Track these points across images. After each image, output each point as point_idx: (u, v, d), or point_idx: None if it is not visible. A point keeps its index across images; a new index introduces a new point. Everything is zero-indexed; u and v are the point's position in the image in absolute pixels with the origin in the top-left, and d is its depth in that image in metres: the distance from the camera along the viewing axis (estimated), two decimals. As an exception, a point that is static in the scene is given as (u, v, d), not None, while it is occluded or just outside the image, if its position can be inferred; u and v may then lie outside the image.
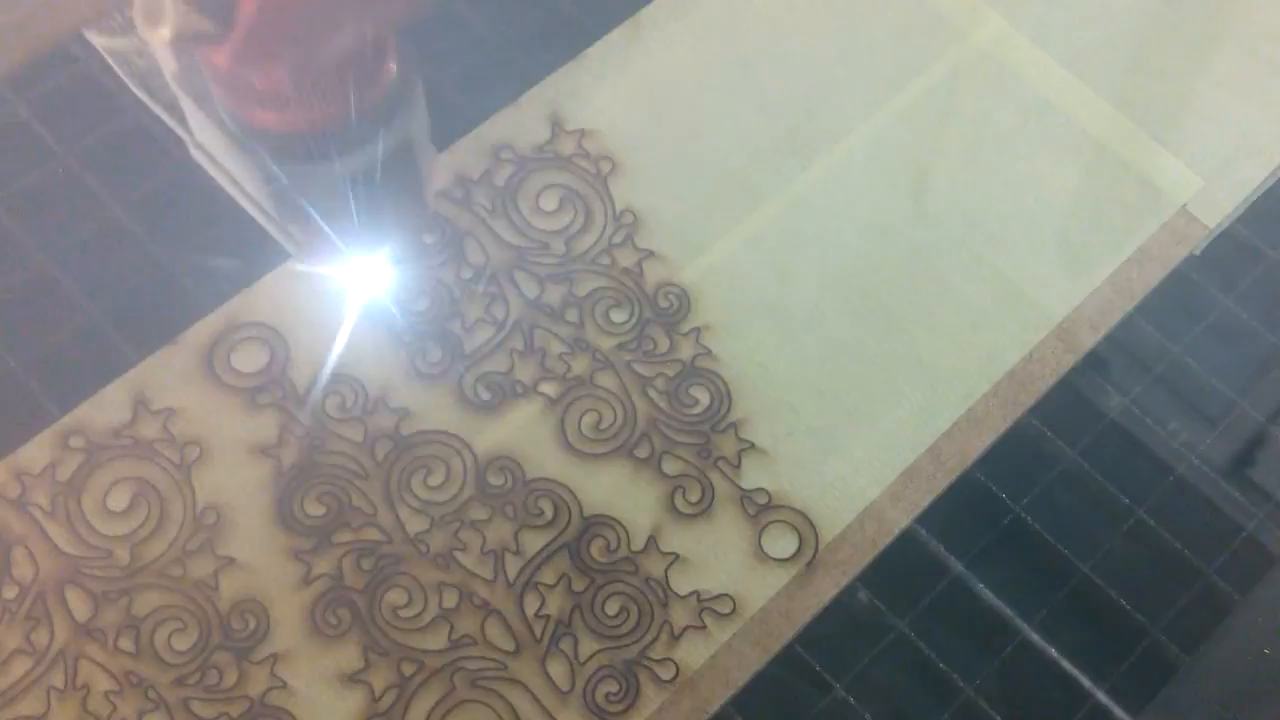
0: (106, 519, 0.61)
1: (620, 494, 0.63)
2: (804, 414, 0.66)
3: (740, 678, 0.60)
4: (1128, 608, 0.65)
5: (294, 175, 0.41)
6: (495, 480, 0.63)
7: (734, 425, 0.65)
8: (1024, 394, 0.67)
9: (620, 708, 0.59)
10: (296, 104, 0.38)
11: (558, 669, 0.60)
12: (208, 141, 0.42)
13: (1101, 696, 0.63)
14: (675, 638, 0.61)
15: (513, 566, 0.61)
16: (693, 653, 0.60)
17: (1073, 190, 0.72)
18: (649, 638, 0.61)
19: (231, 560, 0.60)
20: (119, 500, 0.61)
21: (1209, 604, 0.65)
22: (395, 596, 0.60)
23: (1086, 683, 0.63)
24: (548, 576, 0.61)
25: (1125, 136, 0.74)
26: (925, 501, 0.64)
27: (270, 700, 0.58)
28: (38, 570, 0.60)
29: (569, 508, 0.63)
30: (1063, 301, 0.69)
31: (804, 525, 0.63)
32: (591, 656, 0.60)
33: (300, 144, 0.40)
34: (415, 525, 0.62)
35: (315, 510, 0.62)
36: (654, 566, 0.62)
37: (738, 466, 0.64)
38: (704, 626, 0.61)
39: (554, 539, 0.62)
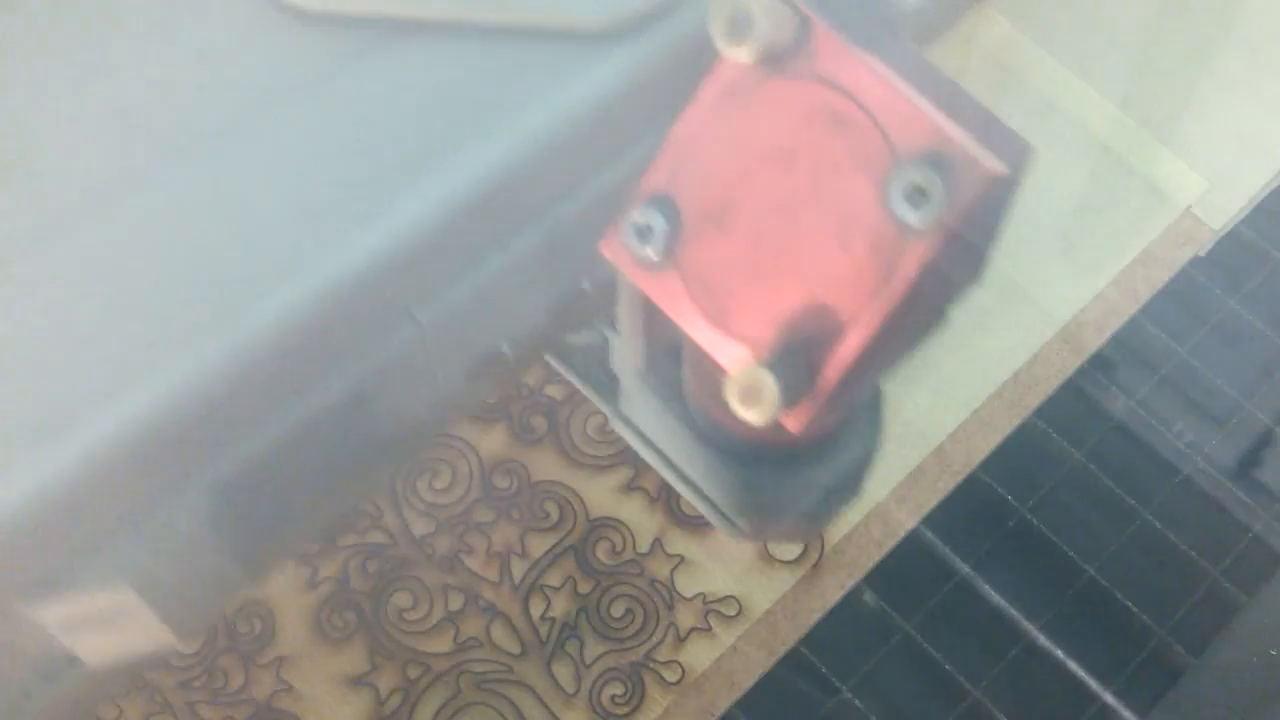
0: (113, 522, 0.61)
1: (626, 496, 0.63)
2: (809, 416, 0.65)
3: (746, 680, 0.60)
4: (1134, 609, 0.65)
5: (760, 478, 0.40)
6: (501, 483, 0.63)
7: (739, 428, 0.65)
8: (1030, 396, 0.67)
9: (626, 710, 0.59)
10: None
11: (563, 671, 0.60)
12: (645, 424, 0.42)
13: (1109, 698, 0.63)
14: (681, 640, 0.61)
15: (518, 569, 0.61)
16: (698, 655, 0.60)
17: (1077, 193, 0.72)
18: (655, 640, 0.61)
19: (237, 563, 0.61)
20: (125, 503, 0.61)
21: (1216, 605, 0.65)
22: (401, 599, 0.60)
23: (1094, 684, 0.63)
24: (553, 579, 0.61)
25: (1130, 139, 0.74)
26: (931, 503, 0.64)
27: (276, 703, 0.58)
28: (44, 573, 0.60)
29: (574, 510, 0.63)
30: (1068, 304, 0.69)
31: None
32: (597, 659, 0.60)
33: (781, 453, 0.40)
34: (421, 528, 0.62)
35: (321, 513, 0.62)
36: (659, 569, 0.62)
37: (743, 469, 0.64)
38: (710, 629, 0.61)
39: (559, 541, 0.62)
